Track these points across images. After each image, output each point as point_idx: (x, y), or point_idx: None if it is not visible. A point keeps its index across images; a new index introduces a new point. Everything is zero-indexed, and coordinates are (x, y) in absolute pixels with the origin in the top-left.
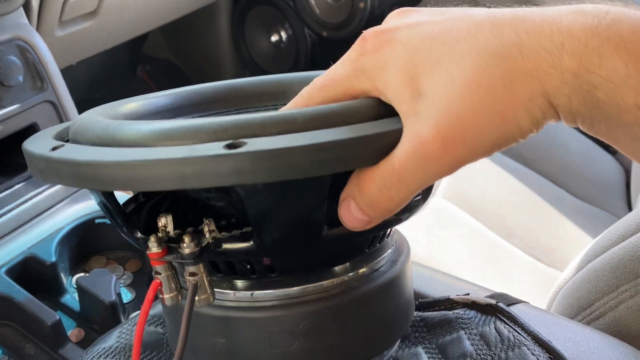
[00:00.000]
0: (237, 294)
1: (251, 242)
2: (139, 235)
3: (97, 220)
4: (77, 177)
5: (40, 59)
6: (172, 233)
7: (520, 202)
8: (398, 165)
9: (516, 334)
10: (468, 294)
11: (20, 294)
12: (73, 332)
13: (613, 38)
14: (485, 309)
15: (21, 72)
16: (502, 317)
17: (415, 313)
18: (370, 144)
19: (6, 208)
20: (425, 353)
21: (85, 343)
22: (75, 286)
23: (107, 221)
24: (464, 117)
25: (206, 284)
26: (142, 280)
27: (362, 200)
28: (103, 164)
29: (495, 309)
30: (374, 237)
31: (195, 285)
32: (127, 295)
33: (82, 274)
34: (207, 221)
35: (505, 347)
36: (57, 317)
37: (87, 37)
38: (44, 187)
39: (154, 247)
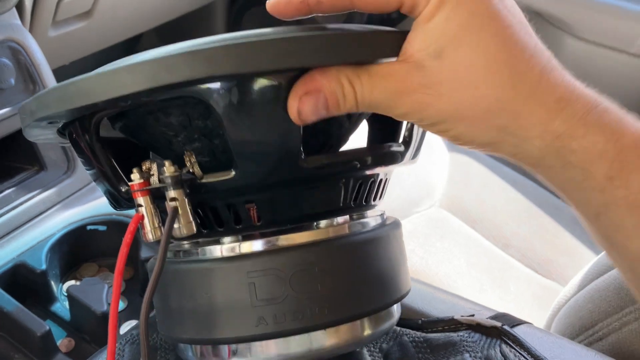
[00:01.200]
0: (223, 247)
1: (232, 171)
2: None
3: (88, 227)
4: (63, 98)
5: (32, 61)
6: (153, 171)
7: (517, 212)
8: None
9: (523, 358)
10: (473, 315)
11: (9, 303)
12: (63, 342)
13: (600, 119)
14: (490, 331)
15: (13, 75)
16: (508, 341)
17: (419, 334)
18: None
19: None
20: None
21: (75, 353)
22: (65, 294)
23: (99, 227)
24: (457, 85)
25: (188, 210)
26: (134, 288)
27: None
28: (84, 79)
29: (500, 331)
30: (357, 188)
31: (175, 210)
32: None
33: (73, 282)
34: (188, 153)
35: None
36: (47, 327)
37: (81, 38)
38: (34, 193)
39: (136, 178)
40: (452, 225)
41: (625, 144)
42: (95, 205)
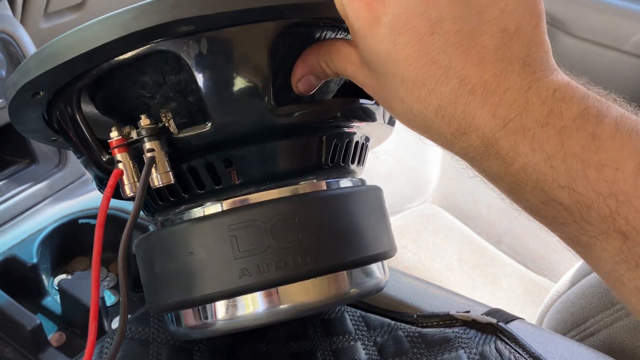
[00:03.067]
0: (204, 208)
1: (207, 124)
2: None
3: (80, 221)
4: (42, 61)
5: (24, 53)
6: (132, 133)
7: (509, 208)
8: None
9: (517, 355)
10: (468, 312)
11: (0, 296)
12: (54, 336)
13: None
14: (485, 328)
15: (4, 67)
16: (503, 337)
17: (413, 328)
18: None
19: None
20: None
21: (66, 347)
22: (57, 288)
23: (91, 221)
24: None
25: (165, 161)
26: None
27: None
28: (59, 39)
29: (496, 328)
30: (334, 147)
31: (152, 159)
32: (110, 298)
33: (64, 276)
34: (164, 111)
35: None
36: (38, 321)
37: None
38: (25, 186)
39: (114, 135)
40: (444, 221)
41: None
42: (87, 198)
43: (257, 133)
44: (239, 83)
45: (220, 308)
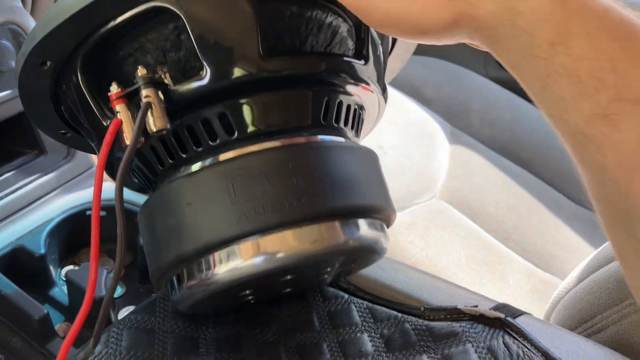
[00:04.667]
0: (203, 162)
1: (201, 73)
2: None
3: (88, 212)
4: (46, 23)
5: None
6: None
7: (518, 206)
8: None
9: (526, 349)
10: (476, 306)
11: (7, 286)
12: (61, 326)
13: None
14: (493, 322)
15: (14, 57)
16: (511, 332)
17: (421, 321)
18: None
19: None
20: None
21: None
22: (64, 279)
23: (102, 213)
24: None
25: (161, 107)
26: (133, 274)
27: None
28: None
29: (504, 323)
30: (325, 105)
31: (148, 104)
32: (117, 290)
33: (71, 267)
34: (160, 67)
35: None
36: (45, 311)
37: None
38: (34, 177)
39: (114, 89)
40: (452, 217)
41: (572, 8)
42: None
43: (248, 83)
44: (228, 31)
45: (219, 258)
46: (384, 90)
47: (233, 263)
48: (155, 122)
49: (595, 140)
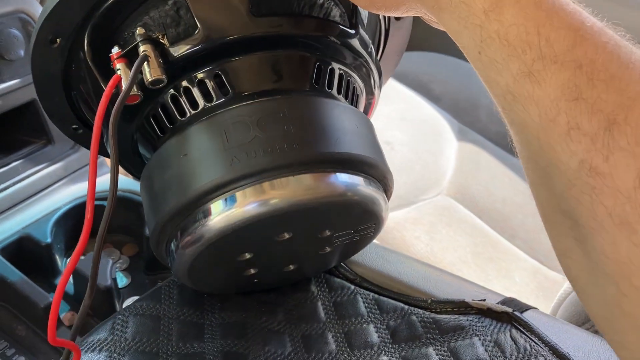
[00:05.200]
0: (200, 118)
1: (196, 31)
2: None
3: (95, 202)
4: None
5: None
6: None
7: (525, 203)
8: None
9: (533, 343)
10: (484, 300)
11: (13, 274)
12: (66, 315)
13: None
14: (500, 316)
15: (23, 47)
16: (518, 326)
17: (427, 313)
18: None
19: (3, 185)
20: (437, 354)
21: None
22: None
23: (105, 203)
24: None
25: (157, 61)
26: (138, 265)
27: None
28: None
29: (511, 317)
30: (316, 70)
31: (145, 56)
32: (122, 280)
33: None
34: (158, 31)
35: (521, 356)
36: (50, 299)
37: None
38: (42, 166)
39: (114, 49)
40: (458, 214)
41: None
42: (102, 180)
43: (239, 41)
44: None
45: (211, 207)
46: (379, 72)
47: (225, 211)
48: (151, 72)
49: (521, 99)
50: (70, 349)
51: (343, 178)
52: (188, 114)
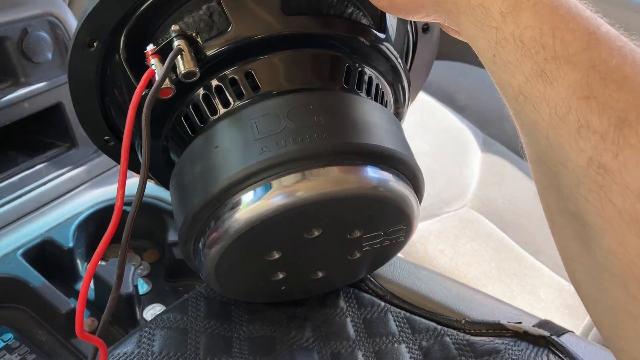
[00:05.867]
0: (230, 114)
1: (229, 27)
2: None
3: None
4: None
5: (70, 36)
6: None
7: None
8: None
9: None
10: (520, 322)
11: (36, 278)
12: (86, 321)
13: None
14: (537, 340)
15: (50, 49)
16: (556, 351)
17: (461, 335)
18: None
19: (26, 188)
20: None
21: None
22: None
23: (127, 208)
24: None
25: (191, 54)
26: (159, 271)
27: None
28: None
29: (548, 341)
30: (346, 70)
31: (179, 49)
32: (143, 287)
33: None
34: (192, 31)
35: None
36: (72, 305)
37: None
38: (65, 169)
39: (149, 47)
40: (483, 227)
41: None
42: (126, 185)
43: (270, 39)
44: None
45: (240, 199)
46: (408, 83)
47: (254, 202)
48: (184, 64)
49: (532, 99)
50: (97, 345)
51: (374, 172)
52: (219, 113)
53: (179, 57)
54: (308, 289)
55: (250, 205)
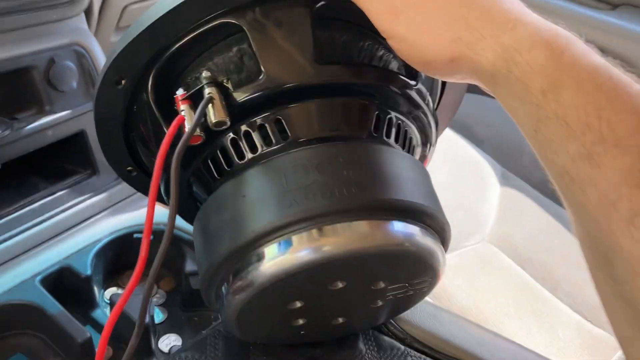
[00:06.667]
0: (258, 161)
1: (260, 76)
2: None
3: (135, 235)
4: (124, 37)
5: (96, 66)
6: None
7: (569, 254)
8: None
9: None
10: None
11: (53, 306)
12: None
13: (547, 39)
14: None
15: (76, 78)
16: None
17: None
18: None
19: (47, 215)
20: None
21: None
22: (107, 301)
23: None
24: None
25: (221, 103)
26: (175, 300)
27: None
28: (139, 18)
29: None
30: (375, 118)
31: (210, 97)
32: (158, 316)
33: (114, 289)
34: (223, 76)
35: None
36: (88, 334)
37: None
38: (86, 196)
39: (179, 91)
40: (500, 262)
41: (565, 62)
42: (144, 213)
43: (301, 88)
44: (286, 41)
45: (265, 251)
46: (436, 124)
47: (279, 256)
48: (215, 114)
49: (578, 180)
50: None
51: (401, 227)
52: (246, 158)
53: (209, 105)
54: (328, 333)
55: (277, 258)
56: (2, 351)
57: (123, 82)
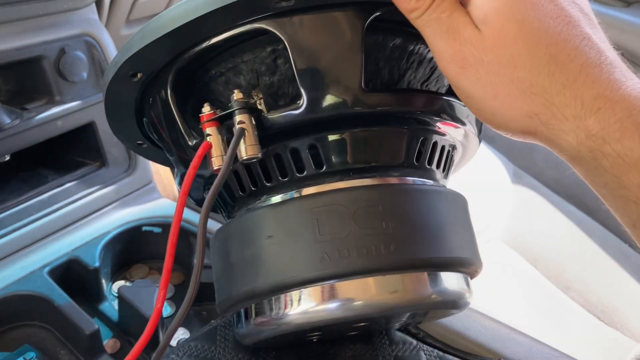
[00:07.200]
0: (286, 194)
1: (298, 103)
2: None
3: (144, 228)
4: (145, 35)
5: (106, 57)
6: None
7: (581, 254)
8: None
9: None
10: None
11: (61, 297)
12: (109, 342)
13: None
14: None
15: (86, 69)
16: None
17: None
18: None
19: (55, 206)
20: None
21: (120, 355)
22: (115, 294)
23: (154, 229)
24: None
25: (254, 134)
26: (183, 294)
27: None
28: (164, 14)
29: None
30: (419, 144)
31: (242, 130)
32: (166, 309)
33: (122, 282)
34: (256, 92)
35: None
36: (96, 326)
37: None
38: (94, 188)
39: (206, 110)
40: (512, 261)
41: None
42: (153, 206)
43: (345, 116)
44: (332, 62)
45: (293, 298)
46: (479, 132)
47: (307, 306)
48: (247, 149)
49: None
50: None
51: (436, 280)
52: (275, 181)
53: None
54: (340, 337)
55: (303, 310)
56: (9, 342)
57: (139, 75)
